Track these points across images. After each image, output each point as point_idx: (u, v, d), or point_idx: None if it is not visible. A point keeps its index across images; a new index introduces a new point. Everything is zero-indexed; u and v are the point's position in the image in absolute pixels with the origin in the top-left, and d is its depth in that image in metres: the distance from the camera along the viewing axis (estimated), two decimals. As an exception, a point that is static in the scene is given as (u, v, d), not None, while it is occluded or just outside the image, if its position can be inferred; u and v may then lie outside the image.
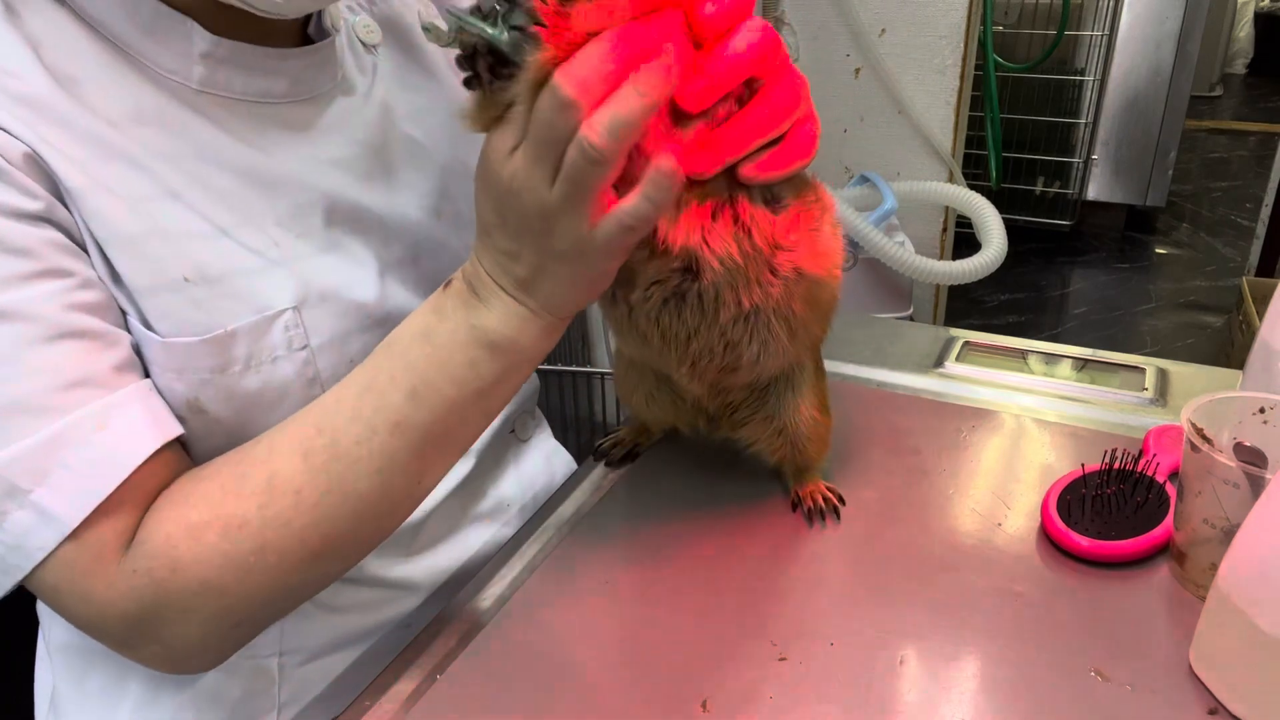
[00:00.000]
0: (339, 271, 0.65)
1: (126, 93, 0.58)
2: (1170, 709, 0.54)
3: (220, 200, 0.60)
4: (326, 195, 0.65)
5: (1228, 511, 0.59)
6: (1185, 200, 4.23)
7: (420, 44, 0.75)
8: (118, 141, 0.57)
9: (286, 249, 0.62)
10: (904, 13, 1.58)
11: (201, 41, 0.59)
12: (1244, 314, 2.34)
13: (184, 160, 0.59)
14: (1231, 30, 6.22)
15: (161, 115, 0.59)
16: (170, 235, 0.58)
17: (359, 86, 0.69)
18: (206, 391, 0.60)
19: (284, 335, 0.61)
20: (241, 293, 0.60)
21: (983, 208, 1.44)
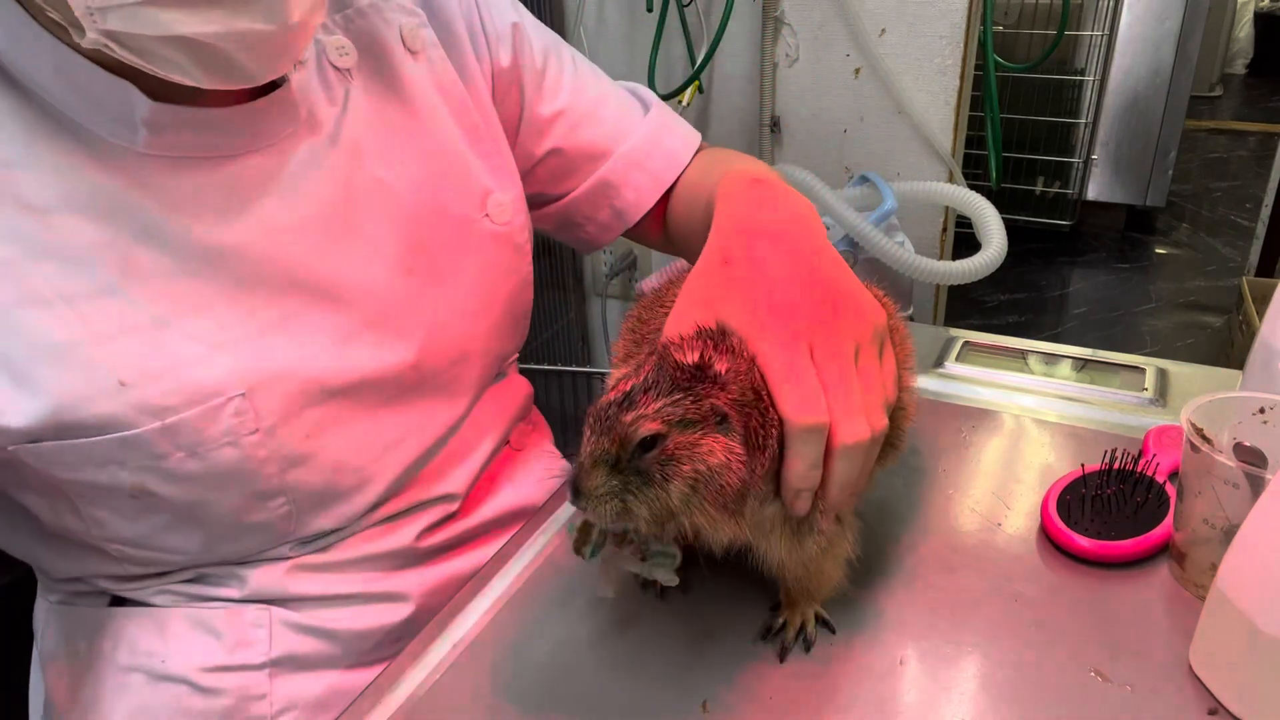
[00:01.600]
0: (294, 346, 0.61)
1: (59, 174, 0.55)
2: (1170, 709, 0.54)
3: (162, 286, 0.57)
4: (281, 265, 0.61)
5: (1228, 512, 0.59)
6: (1185, 200, 4.23)
7: (397, 65, 0.70)
8: (47, 237, 0.54)
9: (234, 330, 0.59)
10: (904, 13, 1.58)
11: (142, 107, 0.55)
12: (1244, 314, 2.34)
13: (122, 246, 0.56)
14: (1231, 30, 6.22)
15: (98, 195, 0.56)
16: (104, 337, 0.55)
17: (326, 123, 0.65)
18: (151, 478, 0.59)
19: (232, 421, 0.59)
20: (184, 384, 0.57)
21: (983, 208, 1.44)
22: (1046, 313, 3.24)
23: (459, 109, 0.73)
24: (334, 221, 0.64)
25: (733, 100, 1.80)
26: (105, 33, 0.49)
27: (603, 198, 0.82)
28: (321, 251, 0.63)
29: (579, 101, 0.81)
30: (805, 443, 0.49)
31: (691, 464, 0.48)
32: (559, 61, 0.80)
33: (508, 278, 0.77)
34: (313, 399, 0.63)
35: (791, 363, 0.50)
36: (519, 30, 0.77)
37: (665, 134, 0.83)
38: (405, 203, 0.68)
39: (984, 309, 3.22)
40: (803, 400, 0.49)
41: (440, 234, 0.71)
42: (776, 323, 0.51)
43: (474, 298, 0.73)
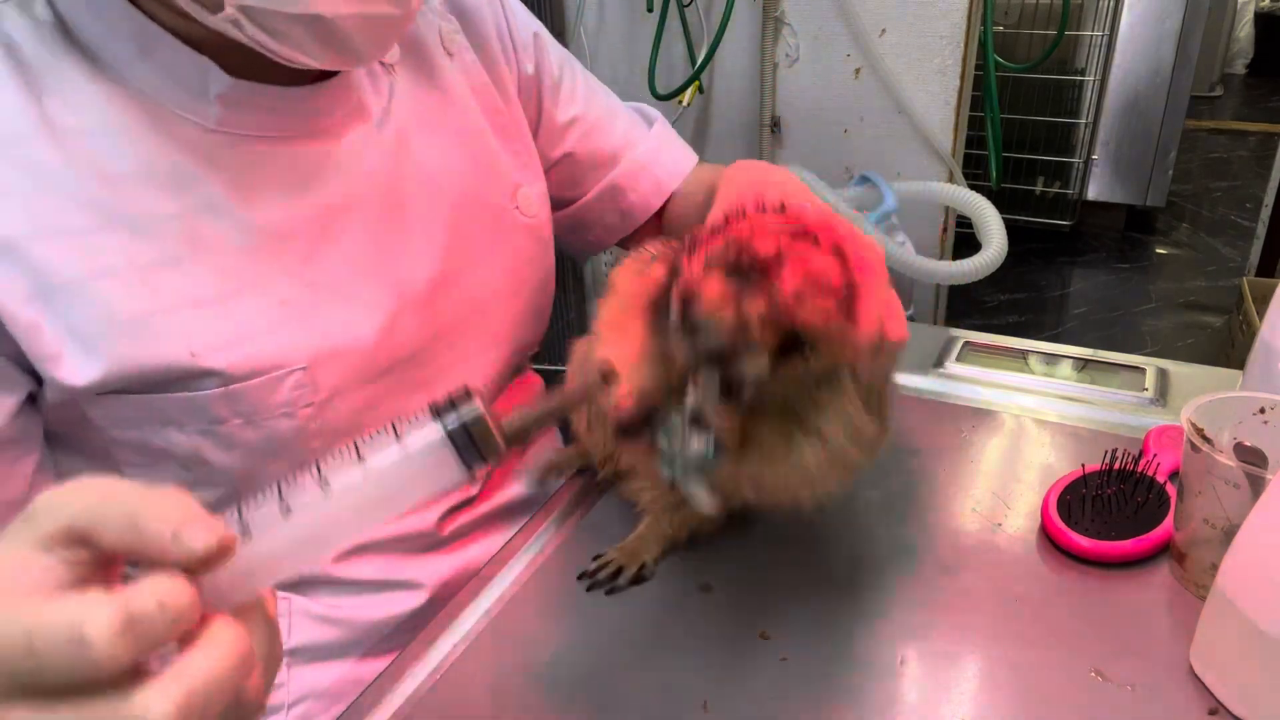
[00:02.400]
0: (349, 322, 0.64)
1: (135, 146, 0.57)
2: (1170, 709, 0.54)
3: (227, 260, 0.59)
4: (338, 241, 0.64)
5: (1228, 511, 0.59)
6: (1185, 200, 4.23)
7: (436, 64, 0.73)
8: (120, 205, 0.56)
9: (296, 305, 0.61)
10: (904, 13, 1.58)
11: (218, 83, 0.58)
12: (1244, 314, 2.34)
13: (192, 219, 0.58)
14: (1231, 30, 6.22)
15: (172, 170, 0.57)
16: (173, 307, 0.57)
17: (374, 111, 0.68)
18: (206, 443, 0.60)
19: (291, 394, 0.61)
20: (249, 356, 0.59)
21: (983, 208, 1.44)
22: (1046, 313, 3.24)
23: (490, 109, 0.77)
24: (384, 204, 0.67)
25: (733, 100, 1.80)
26: (242, 8, 0.51)
27: (611, 201, 0.86)
28: (373, 232, 0.66)
29: (592, 110, 0.85)
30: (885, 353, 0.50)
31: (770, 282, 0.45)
32: (573, 73, 0.85)
33: (535, 268, 0.80)
34: (365, 375, 0.65)
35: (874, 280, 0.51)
36: (539, 40, 0.82)
37: (668, 145, 0.89)
38: (447, 189, 0.71)
39: (984, 309, 3.22)
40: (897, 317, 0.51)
41: (478, 221, 0.74)
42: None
43: (504, 283, 0.76)
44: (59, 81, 0.56)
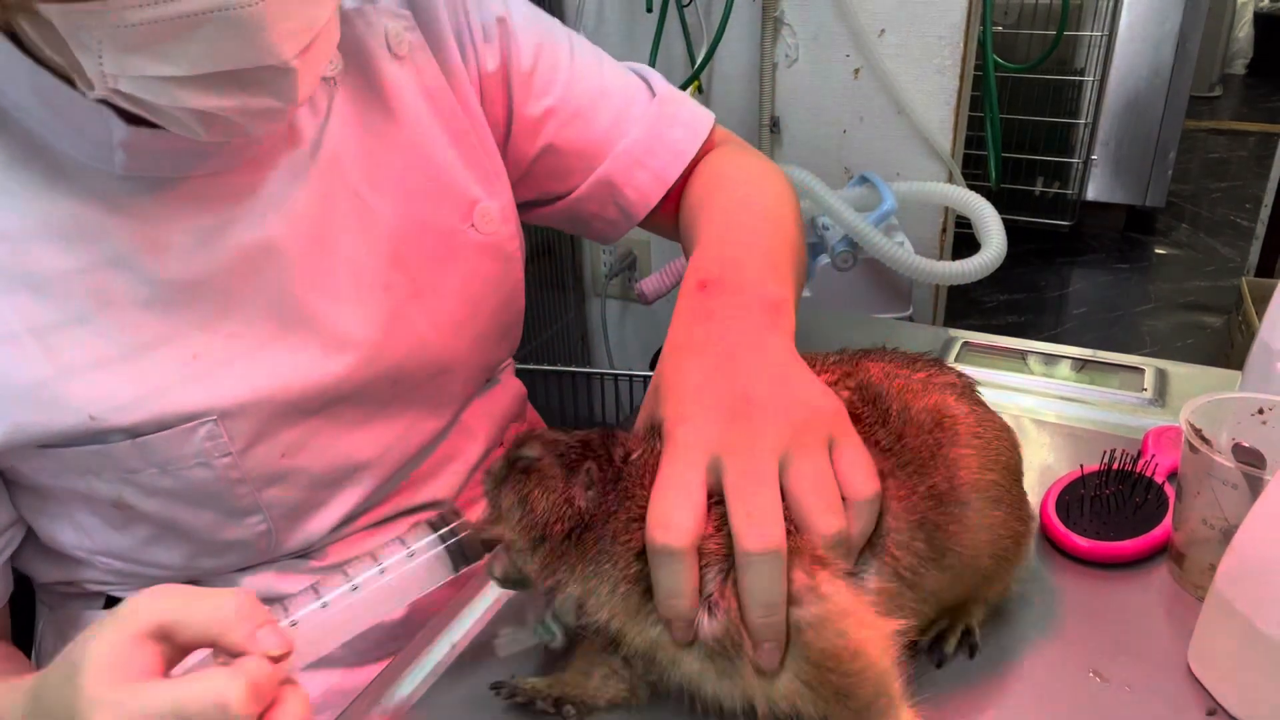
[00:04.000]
0: (268, 371, 0.61)
1: (34, 200, 0.54)
2: (1169, 709, 0.54)
3: (135, 315, 0.57)
4: (256, 290, 0.61)
5: (1226, 512, 0.59)
6: (1185, 200, 4.23)
7: (382, 71, 0.68)
8: (18, 265, 0.54)
9: (207, 358, 0.59)
10: (904, 13, 1.58)
11: (120, 131, 0.54)
12: (1243, 314, 2.34)
13: (95, 274, 0.56)
14: (1231, 30, 6.21)
15: (74, 223, 0.55)
16: (73, 371, 0.55)
17: (307, 134, 0.64)
18: (127, 491, 0.59)
19: (203, 444, 0.59)
20: (156, 411, 0.57)
21: (982, 208, 1.44)
22: (1046, 313, 3.24)
23: (445, 114, 0.71)
24: (309, 239, 0.63)
25: (733, 100, 1.80)
26: (114, 91, 0.49)
27: (607, 196, 0.80)
28: (296, 272, 0.62)
29: (572, 97, 0.77)
30: (658, 566, 0.46)
31: (534, 485, 0.50)
32: (553, 57, 0.77)
33: (495, 288, 0.75)
34: (288, 420, 0.63)
35: (673, 475, 0.47)
36: (504, 26, 0.74)
37: (668, 125, 0.79)
38: (385, 217, 0.67)
39: (984, 309, 3.22)
40: (663, 518, 0.46)
41: (421, 248, 0.69)
42: (678, 432, 0.49)
43: (457, 310, 0.72)
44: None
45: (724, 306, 0.57)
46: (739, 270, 0.61)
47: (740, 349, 0.53)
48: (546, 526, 0.49)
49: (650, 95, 0.80)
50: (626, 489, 0.49)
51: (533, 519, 0.49)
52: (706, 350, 0.54)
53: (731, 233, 0.67)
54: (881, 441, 0.53)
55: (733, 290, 0.58)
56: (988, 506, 0.54)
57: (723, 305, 0.57)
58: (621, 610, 0.49)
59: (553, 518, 0.49)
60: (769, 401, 0.50)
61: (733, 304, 0.57)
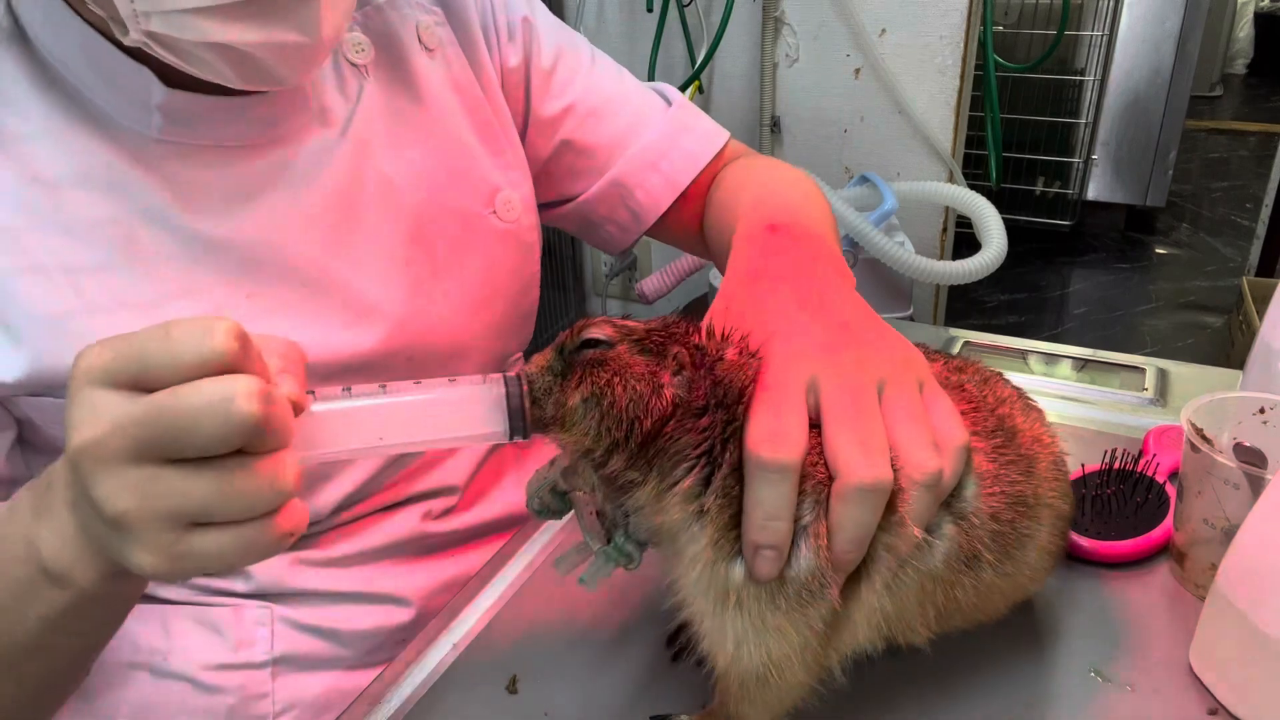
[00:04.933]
0: (289, 332, 0.59)
1: (74, 150, 0.57)
2: (1170, 709, 0.54)
3: (162, 268, 0.59)
4: (281, 256, 0.62)
5: (1228, 512, 0.59)
6: (1185, 200, 4.23)
7: (412, 62, 0.71)
8: (54, 209, 0.56)
9: (229, 314, 0.56)
10: (904, 13, 1.58)
11: (158, 94, 0.57)
12: (1244, 314, 2.34)
13: (126, 224, 0.58)
14: (1231, 30, 6.22)
15: (109, 174, 0.58)
16: (98, 309, 0.57)
17: (338, 116, 0.66)
18: None
19: None
20: None
21: (983, 208, 1.44)
22: (1046, 313, 3.24)
23: (472, 106, 0.74)
24: (337, 214, 0.65)
25: (733, 100, 1.80)
26: (148, 34, 0.51)
27: (618, 198, 0.81)
28: (322, 244, 0.64)
29: (589, 98, 0.79)
30: (762, 483, 0.42)
31: (610, 375, 0.43)
32: (573, 60, 0.79)
33: (512, 276, 0.77)
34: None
35: (778, 385, 0.44)
36: (529, 26, 0.77)
37: (684, 133, 0.80)
38: (409, 197, 0.69)
39: (984, 309, 3.22)
40: (771, 431, 0.43)
41: (443, 229, 0.71)
42: (777, 346, 0.46)
43: (475, 293, 0.73)
44: (6, 85, 0.57)
45: (798, 246, 0.56)
46: (804, 220, 0.60)
47: (826, 285, 0.52)
48: (630, 424, 0.43)
49: (667, 106, 0.82)
50: (719, 388, 0.43)
51: (614, 416, 0.43)
52: (790, 279, 0.52)
53: (781, 198, 0.66)
54: (975, 425, 0.51)
55: (803, 236, 0.57)
56: (1052, 539, 0.54)
57: (796, 245, 0.56)
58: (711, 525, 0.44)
59: (639, 412, 0.43)
60: (867, 333, 0.48)
61: (807, 246, 0.56)
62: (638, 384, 0.43)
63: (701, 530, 0.44)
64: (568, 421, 0.45)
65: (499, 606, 0.65)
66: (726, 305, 0.52)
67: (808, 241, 0.57)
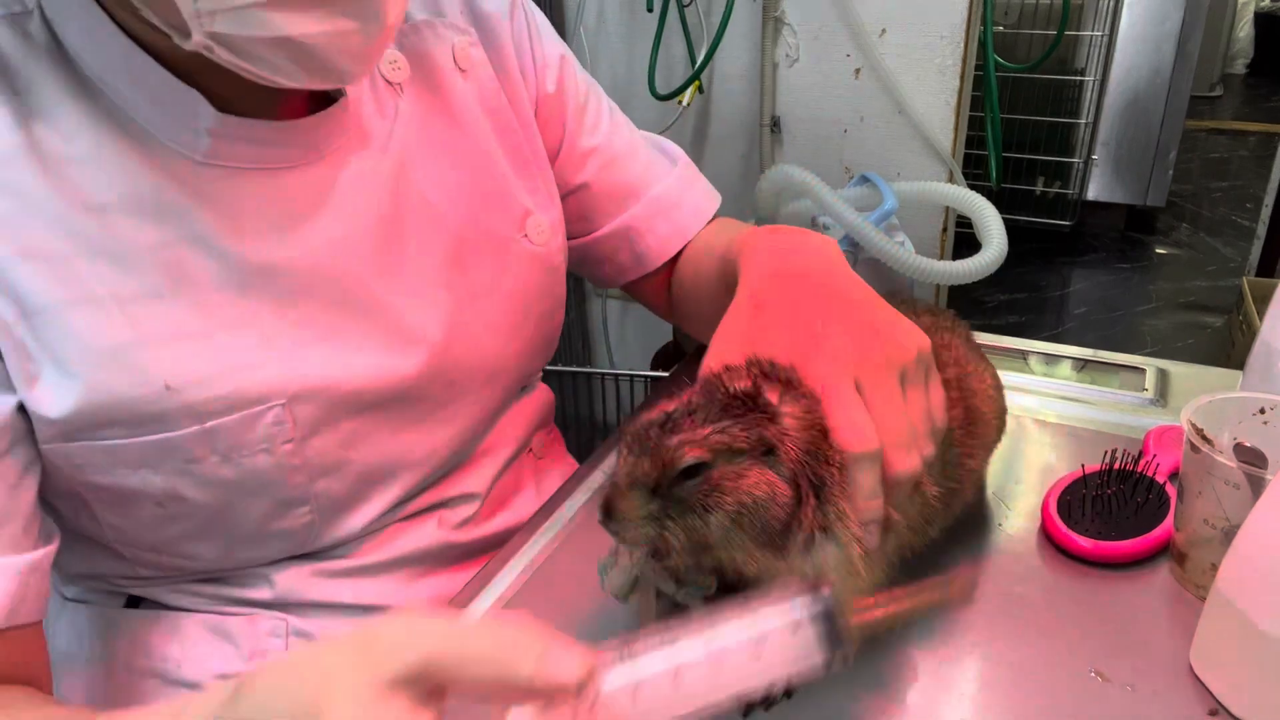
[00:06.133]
0: (336, 360, 0.62)
1: (121, 176, 0.55)
2: (1170, 709, 0.54)
3: (211, 295, 0.58)
4: (328, 280, 0.62)
5: (1228, 512, 0.59)
6: (1185, 200, 4.23)
7: (447, 82, 0.71)
8: (102, 235, 0.55)
9: (279, 342, 0.60)
10: (904, 13, 1.57)
11: (208, 117, 0.56)
12: (1244, 314, 2.34)
13: (175, 251, 0.57)
14: (1231, 30, 6.21)
15: (157, 200, 0.56)
16: (153, 340, 0.56)
17: (377, 136, 0.66)
18: (182, 482, 0.59)
19: (270, 430, 0.60)
20: (226, 391, 0.58)
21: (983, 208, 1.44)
22: (1046, 313, 3.24)
23: (504, 129, 0.74)
24: (380, 236, 0.65)
25: (733, 100, 1.80)
26: (211, 35, 0.50)
27: (624, 241, 0.83)
28: (367, 266, 0.64)
29: (614, 143, 0.82)
30: (862, 470, 0.49)
31: (735, 496, 0.46)
32: (598, 104, 0.82)
33: (542, 298, 0.77)
34: (349, 411, 0.63)
35: (839, 390, 0.50)
36: (565, 62, 0.79)
37: (690, 188, 0.85)
38: (447, 219, 0.69)
39: (984, 309, 3.22)
40: (854, 428, 0.49)
41: (480, 251, 0.71)
42: (821, 353, 0.51)
43: (509, 316, 0.74)
44: (48, 105, 0.54)
45: (809, 243, 0.61)
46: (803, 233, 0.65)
47: (843, 281, 0.57)
48: (764, 528, 0.47)
49: (671, 164, 0.86)
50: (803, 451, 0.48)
51: (753, 531, 0.47)
52: (814, 276, 0.57)
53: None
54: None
55: (805, 232, 0.62)
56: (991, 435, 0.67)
57: (808, 241, 0.61)
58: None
59: (772, 517, 0.47)
60: (887, 329, 0.54)
61: (816, 242, 0.61)
62: (758, 492, 0.47)
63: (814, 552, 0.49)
64: (711, 542, 0.48)
65: (499, 607, 0.65)
66: (759, 305, 0.56)
67: (813, 238, 0.61)
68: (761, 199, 1.56)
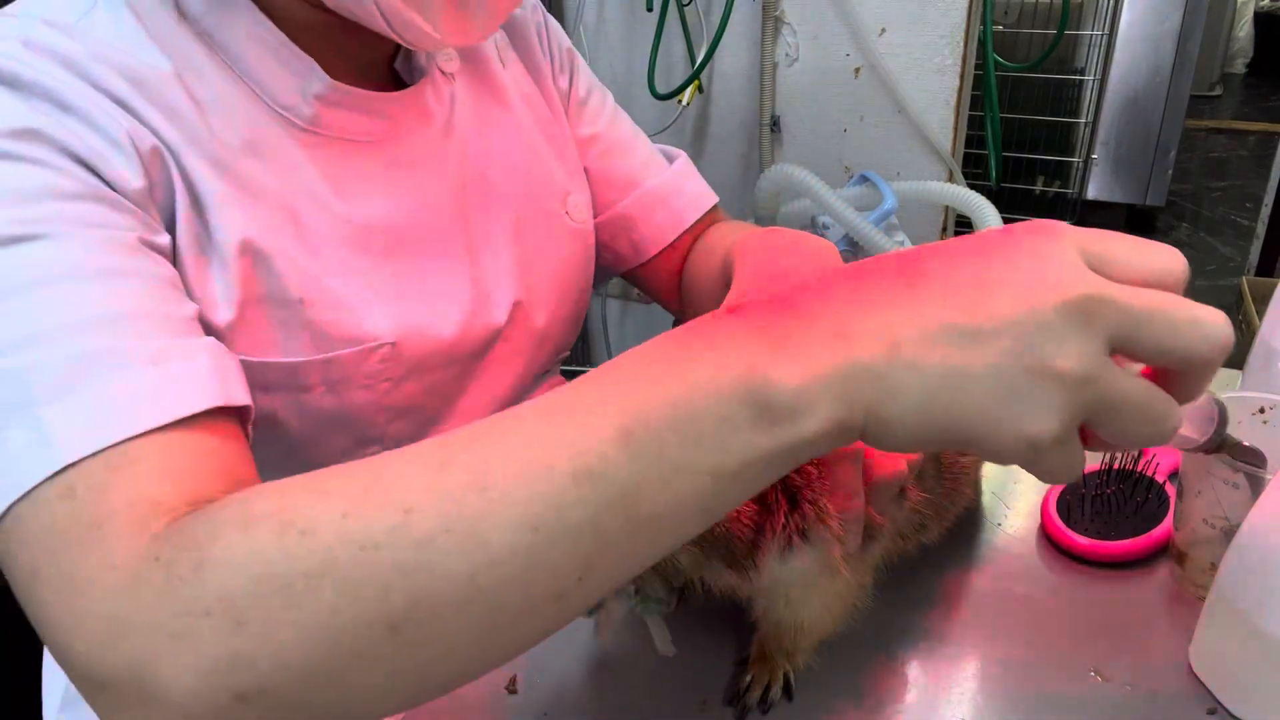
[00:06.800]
0: (434, 309, 0.66)
1: (246, 121, 0.59)
2: (1170, 709, 0.54)
3: (323, 244, 0.61)
4: (416, 241, 0.66)
5: (1227, 512, 0.59)
6: (1185, 200, 4.23)
7: (493, 73, 0.75)
8: (237, 171, 0.58)
9: (382, 290, 0.63)
10: (904, 13, 1.57)
11: (319, 84, 0.60)
12: (1244, 314, 2.34)
13: (291, 198, 0.60)
14: (1231, 30, 6.21)
15: (275, 149, 0.60)
16: (289, 255, 0.59)
17: (439, 119, 0.69)
18: (289, 408, 0.61)
19: (378, 367, 0.63)
20: (346, 321, 0.61)
21: (983, 208, 1.44)
22: (1046, 312, 3.23)
23: (540, 118, 0.79)
24: (455, 206, 0.69)
25: (733, 100, 1.80)
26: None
27: (622, 230, 0.86)
28: (448, 230, 0.68)
29: (612, 133, 0.86)
30: (842, 467, 0.48)
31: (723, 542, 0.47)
32: (601, 96, 0.86)
33: (580, 274, 0.81)
34: (438, 359, 0.67)
35: None
36: (573, 55, 0.84)
37: (688, 181, 0.88)
38: (508, 195, 0.73)
39: (984, 309, 3.21)
40: None
41: (536, 226, 0.75)
42: None
43: (555, 288, 0.77)
44: (183, 54, 0.58)
45: (803, 244, 0.61)
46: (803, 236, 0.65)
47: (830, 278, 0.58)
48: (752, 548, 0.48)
49: (669, 162, 0.89)
50: None
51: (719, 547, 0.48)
52: (795, 279, 0.57)
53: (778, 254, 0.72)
54: None
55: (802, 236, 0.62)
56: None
57: (802, 242, 0.61)
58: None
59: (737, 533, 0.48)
60: None
61: (807, 245, 0.61)
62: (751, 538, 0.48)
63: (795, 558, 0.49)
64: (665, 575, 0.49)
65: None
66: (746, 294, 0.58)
67: (808, 240, 0.62)
68: (761, 199, 1.56)
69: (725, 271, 0.68)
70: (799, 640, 0.55)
